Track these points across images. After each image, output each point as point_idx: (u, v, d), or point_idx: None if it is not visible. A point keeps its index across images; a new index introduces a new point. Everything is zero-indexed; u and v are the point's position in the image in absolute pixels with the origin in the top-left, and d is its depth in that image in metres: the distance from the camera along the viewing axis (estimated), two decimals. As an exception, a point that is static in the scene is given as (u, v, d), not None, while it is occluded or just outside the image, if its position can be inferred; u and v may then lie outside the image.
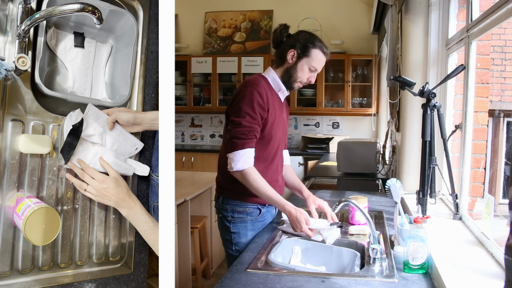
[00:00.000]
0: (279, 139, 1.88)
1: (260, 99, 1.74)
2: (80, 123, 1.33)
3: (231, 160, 1.73)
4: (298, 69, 1.83)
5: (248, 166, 1.72)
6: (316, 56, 1.83)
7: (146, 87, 1.56)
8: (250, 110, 1.73)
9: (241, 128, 1.73)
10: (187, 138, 5.79)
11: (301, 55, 1.82)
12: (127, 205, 1.36)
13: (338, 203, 1.72)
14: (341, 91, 5.12)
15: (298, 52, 1.82)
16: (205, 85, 5.51)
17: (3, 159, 1.24)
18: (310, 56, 1.82)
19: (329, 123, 5.42)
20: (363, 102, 5.14)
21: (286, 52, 1.83)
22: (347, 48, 5.19)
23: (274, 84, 1.86)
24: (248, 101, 1.73)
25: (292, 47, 1.82)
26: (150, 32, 1.57)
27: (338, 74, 5.09)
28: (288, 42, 1.85)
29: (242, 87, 1.80)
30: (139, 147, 1.50)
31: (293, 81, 1.85)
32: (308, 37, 1.84)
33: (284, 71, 1.85)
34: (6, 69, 1.19)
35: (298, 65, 1.83)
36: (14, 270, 1.27)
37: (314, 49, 1.82)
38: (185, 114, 5.72)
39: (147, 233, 1.37)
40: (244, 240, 1.81)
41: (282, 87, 1.87)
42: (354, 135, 5.19)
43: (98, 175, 1.35)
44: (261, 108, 1.75)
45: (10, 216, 1.25)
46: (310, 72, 1.85)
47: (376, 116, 5.10)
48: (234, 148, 1.73)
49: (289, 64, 1.84)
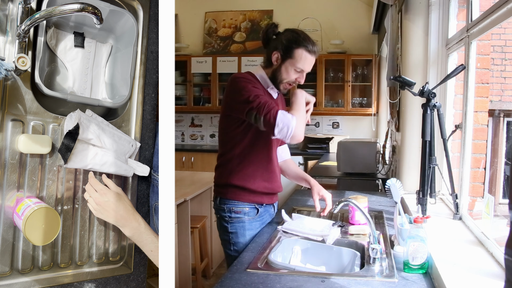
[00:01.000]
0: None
1: (253, 84, 1.74)
2: (76, 127, 1.32)
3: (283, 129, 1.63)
4: (282, 71, 1.79)
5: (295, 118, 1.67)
6: (300, 57, 1.76)
7: (146, 87, 1.56)
8: (256, 91, 1.71)
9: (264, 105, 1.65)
10: (187, 138, 5.79)
11: (284, 56, 1.77)
12: (129, 224, 1.32)
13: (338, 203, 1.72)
14: (341, 91, 5.12)
15: (281, 53, 1.77)
16: (205, 85, 5.51)
17: (3, 159, 1.24)
18: (294, 57, 1.76)
19: (329, 123, 5.41)
20: (363, 102, 5.14)
21: (271, 53, 1.80)
22: (347, 48, 5.19)
23: (262, 81, 1.84)
24: (246, 86, 1.72)
25: (276, 49, 1.79)
26: (150, 32, 1.57)
27: (338, 74, 5.09)
28: (273, 43, 1.81)
29: (231, 82, 1.79)
30: (134, 144, 1.50)
31: (279, 83, 1.82)
32: (291, 37, 1.77)
33: (271, 73, 1.83)
34: (6, 69, 1.19)
35: (282, 67, 1.78)
36: (14, 270, 1.27)
37: (297, 49, 1.75)
38: (185, 114, 5.72)
39: (154, 253, 1.31)
40: (242, 240, 1.81)
41: (270, 84, 1.84)
42: (354, 135, 5.19)
43: (100, 186, 1.32)
44: (259, 90, 1.75)
45: (10, 216, 1.25)
46: (297, 73, 1.79)
47: (376, 116, 5.10)
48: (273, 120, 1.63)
49: (275, 66, 1.81)
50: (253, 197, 1.83)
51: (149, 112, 1.56)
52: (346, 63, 5.02)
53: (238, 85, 1.75)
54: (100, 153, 1.39)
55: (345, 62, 5.01)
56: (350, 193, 2.52)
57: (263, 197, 1.86)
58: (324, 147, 4.94)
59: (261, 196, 1.86)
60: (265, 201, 1.88)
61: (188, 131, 5.79)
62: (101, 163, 1.39)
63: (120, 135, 1.46)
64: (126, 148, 1.47)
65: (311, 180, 1.98)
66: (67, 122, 1.35)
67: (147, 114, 1.56)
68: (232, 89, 1.77)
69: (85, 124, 1.36)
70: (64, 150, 1.32)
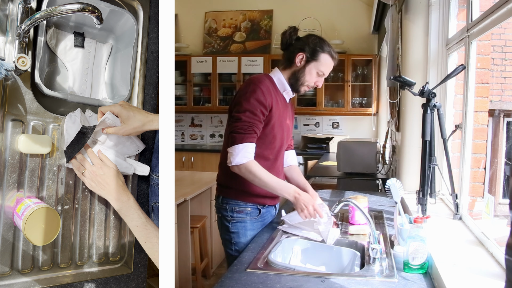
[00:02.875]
0: (282, 139, 1.87)
1: (262, 96, 1.74)
2: (91, 128, 1.33)
3: (230, 155, 1.73)
4: (306, 73, 1.83)
5: (248, 160, 1.71)
6: (325, 61, 1.83)
7: (146, 87, 1.56)
8: (251, 106, 1.72)
9: (240, 123, 1.72)
10: (187, 138, 5.79)
11: (310, 59, 1.82)
12: (120, 197, 1.34)
13: (338, 203, 1.72)
14: (341, 91, 5.12)
15: (307, 55, 1.81)
16: (205, 85, 5.51)
17: (3, 159, 1.24)
18: (319, 61, 1.82)
19: (329, 123, 5.42)
20: (363, 102, 5.14)
21: (294, 55, 1.83)
22: (347, 48, 5.19)
23: (279, 84, 1.86)
24: (249, 97, 1.73)
25: (301, 51, 1.82)
26: (150, 32, 1.57)
27: (338, 74, 5.09)
28: (297, 45, 1.84)
29: (245, 85, 1.80)
30: (140, 149, 1.50)
31: (300, 85, 1.85)
32: (318, 42, 1.83)
33: (291, 74, 1.85)
34: (6, 69, 1.19)
35: (306, 68, 1.83)
36: (14, 270, 1.27)
37: (323, 53, 1.82)
38: (185, 114, 5.72)
39: (139, 229, 1.34)
40: (244, 240, 1.81)
41: (287, 88, 1.86)
42: (354, 135, 5.19)
43: (97, 160, 1.35)
44: (263, 106, 1.74)
45: (10, 216, 1.25)
46: (318, 77, 1.85)
47: (376, 116, 5.10)
48: (233, 142, 1.72)
49: (297, 67, 1.83)
50: (255, 199, 1.84)
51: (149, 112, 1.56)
52: (346, 63, 5.02)
53: (246, 90, 1.76)
54: (102, 150, 1.40)
55: (345, 62, 5.02)
56: (350, 193, 2.52)
57: (265, 198, 1.87)
58: (324, 147, 4.95)
59: (263, 198, 1.86)
60: (267, 202, 1.88)
61: (188, 131, 5.79)
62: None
63: (134, 139, 1.48)
64: (130, 151, 1.48)
65: (310, 191, 1.96)
66: (67, 121, 1.35)
67: (147, 114, 1.55)
68: (243, 92, 1.78)
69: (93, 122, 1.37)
70: (70, 149, 1.32)
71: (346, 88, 5.07)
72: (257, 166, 1.72)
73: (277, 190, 1.76)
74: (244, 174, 1.72)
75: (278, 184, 1.75)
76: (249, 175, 1.72)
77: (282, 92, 1.87)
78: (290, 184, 1.82)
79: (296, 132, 5.47)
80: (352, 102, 5.12)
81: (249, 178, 1.72)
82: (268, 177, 1.73)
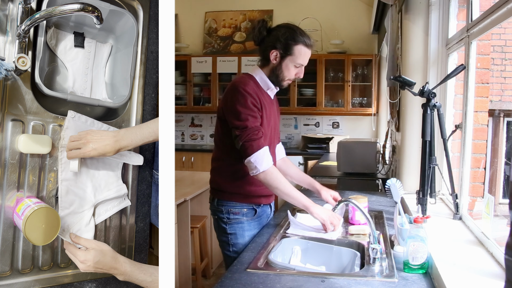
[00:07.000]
0: (272, 137, 1.88)
1: (252, 99, 1.73)
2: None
3: (253, 164, 1.69)
4: (283, 69, 1.79)
5: (271, 165, 1.71)
6: (300, 52, 1.77)
7: (146, 87, 1.56)
8: (249, 111, 1.72)
9: (249, 131, 1.70)
10: (187, 138, 5.79)
11: (284, 54, 1.77)
12: (118, 272, 1.30)
13: (338, 203, 1.72)
14: (341, 91, 5.12)
15: (280, 52, 1.77)
16: (205, 85, 5.51)
17: (3, 159, 1.24)
18: (294, 54, 1.77)
19: (329, 123, 5.42)
20: (363, 102, 5.14)
21: (268, 52, 1.79)
22: (347, 48, 5.19)
23: (262, 83, 1.84)
24: (244, 102, 1.72)
25: (274, 48, 1.77)
26: (150, 32, 1.57)
27: (338, 74, 5.09)
28: (269, 41, 1.79)
29: (232, 89, 1.77)
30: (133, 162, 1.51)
31: (281, 80, 1.83)
32: (288, 34, 1.76)
33: (270, 71, 1.82)
34: (6, 69, 1.19)
35: (283, 64, 1.79)
36: (14, 270, 1.27)
37: (296, 45, 1.76)
38: (185, 114, 5.72)
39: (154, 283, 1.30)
40: (241, 240, 1.81)
41: (270, 85, 1.84)
42: (354, 135, 5.19)
43: (79, 253, 1.28)
44: (258, 108, 1.74)
45: (10, 216, 1.25)
46: (296, 69, 1.81)
47: (376, 116, 5.10)
48: (250, 151, 1.69)
49: (274, 64, 1.80)
50: (251, 199, 1.84)
51: (149, 112, 1.56)
52: (346, 63, 5.02)
53: (236, 95, 1.73)
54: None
55: (345, 62, 5.02)
56: (350, 193, 2.52)
57: (260, 198, 1.86)
58: (324, 147, 4.94)
59: (258, 197, 1.86)
60: (262, 201, 1.88)
61: (188, 131, 5.79)
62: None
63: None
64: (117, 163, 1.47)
65: (317, 184, 1.98)
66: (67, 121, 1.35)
67: (147, 114, 1.56)
68: (230, 98, 1.75)
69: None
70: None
71: (346, 88, 5.07)
72: (279, 174, 1.73)
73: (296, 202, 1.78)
74: (268, 180, 1.71)
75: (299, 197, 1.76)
76: (272, 182, 1.71)
77: (266, 90, 1.85)
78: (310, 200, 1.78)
79: (296, 132, 5.47)
80: (352, 102, 5.12)
81: (271, 185, 1.72)
82: (289, 188, 1.74)
